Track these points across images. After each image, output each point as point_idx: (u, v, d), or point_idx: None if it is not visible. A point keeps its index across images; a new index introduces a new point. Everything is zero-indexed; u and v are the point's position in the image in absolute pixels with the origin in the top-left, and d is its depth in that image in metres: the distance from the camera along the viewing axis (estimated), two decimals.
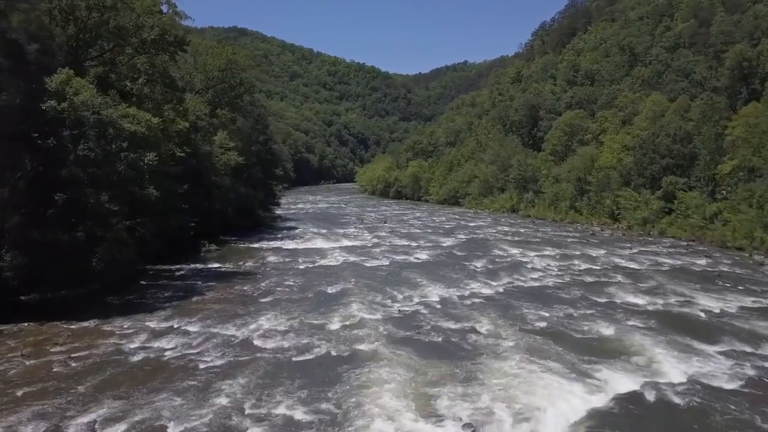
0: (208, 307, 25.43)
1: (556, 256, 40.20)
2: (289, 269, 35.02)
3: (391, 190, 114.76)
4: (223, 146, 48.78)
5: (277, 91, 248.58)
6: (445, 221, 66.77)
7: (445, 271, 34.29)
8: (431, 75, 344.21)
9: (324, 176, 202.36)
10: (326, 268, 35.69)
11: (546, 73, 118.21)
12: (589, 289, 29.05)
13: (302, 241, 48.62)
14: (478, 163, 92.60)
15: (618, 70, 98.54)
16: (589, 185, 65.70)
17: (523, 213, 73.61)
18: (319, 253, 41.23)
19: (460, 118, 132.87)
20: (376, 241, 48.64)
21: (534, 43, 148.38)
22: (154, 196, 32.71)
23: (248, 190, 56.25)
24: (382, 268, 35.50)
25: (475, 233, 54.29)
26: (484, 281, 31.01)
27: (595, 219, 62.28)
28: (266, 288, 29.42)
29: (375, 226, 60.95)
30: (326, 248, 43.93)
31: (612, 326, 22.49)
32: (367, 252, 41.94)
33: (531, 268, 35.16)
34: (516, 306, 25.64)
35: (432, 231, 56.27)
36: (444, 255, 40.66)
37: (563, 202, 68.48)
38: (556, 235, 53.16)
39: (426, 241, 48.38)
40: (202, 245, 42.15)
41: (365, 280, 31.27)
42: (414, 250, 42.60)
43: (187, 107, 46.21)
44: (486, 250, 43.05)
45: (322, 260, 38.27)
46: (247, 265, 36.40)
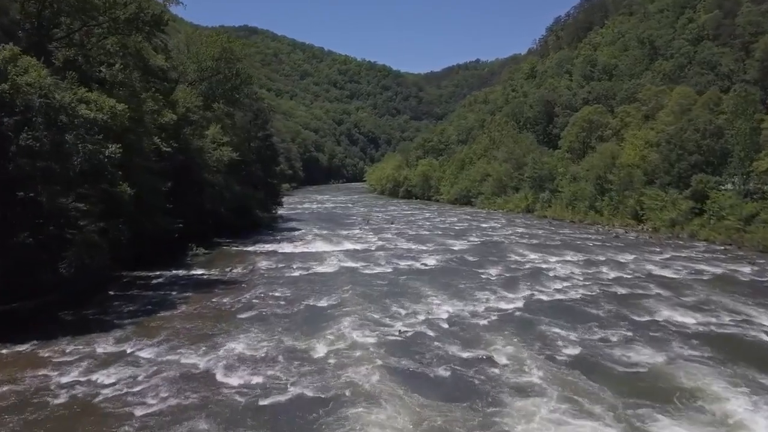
0: (175, 324, 21.42)
1: (580, 262, 35.82)
2: (280, 277, 30.94)
3: (401, 189, 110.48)
4: (216, 141, 44.88)
5: (287, 90, 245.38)
6: (456, 222, 62.47)
7: (456, 280, 30.05)
8: (443, 73, 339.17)
9: (334, 175, 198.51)
10: (322, 275, 31.58)
11: (561, 69, 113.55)
12: (623, 304, 24.69)
13: (301, 243, 44.59)
14: (491, 161, 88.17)
15: (638, 64, 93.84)
16: (609, 184, 61.15)
17: (539, 213, 69.10)
18: (316, 258, 37.16)
19: (472, 115, 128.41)
20: (381, 244, 44.49)
21: (548, 39, 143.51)
22: (128, 194, 28.85)
23: (245, 189, 52.35)
24: (385, 275, 31.32)
25: (488, 235, 49.99)
26: (501, 293, 26.72)
27: (617, 220, 57.71)
28: (249, 300, 25.36)
29: (381, 228, 56.80)
30: (325, 252, 39.85)
31: (660, 354, 18.14)
32: (370, 257, 37.80)
33: (553, 277, 30.82)
34: (540, 326, 21.35)
35: (442, 233, 52.02)
36: (454, 260, 36.41)
37: (582, 202, 63.93)
38: (577, 237, 48.72)
39: (435, 244, 44.16)
40: (190, 249, 38.25)
41: (364, 291, 27.14)
42: (421, 255, 38.41)
43: (177, 98, 42.46)
44: (501, 254, 38.76)
45: (318, 266, 34.18)
46: (235, 272, 32.38)
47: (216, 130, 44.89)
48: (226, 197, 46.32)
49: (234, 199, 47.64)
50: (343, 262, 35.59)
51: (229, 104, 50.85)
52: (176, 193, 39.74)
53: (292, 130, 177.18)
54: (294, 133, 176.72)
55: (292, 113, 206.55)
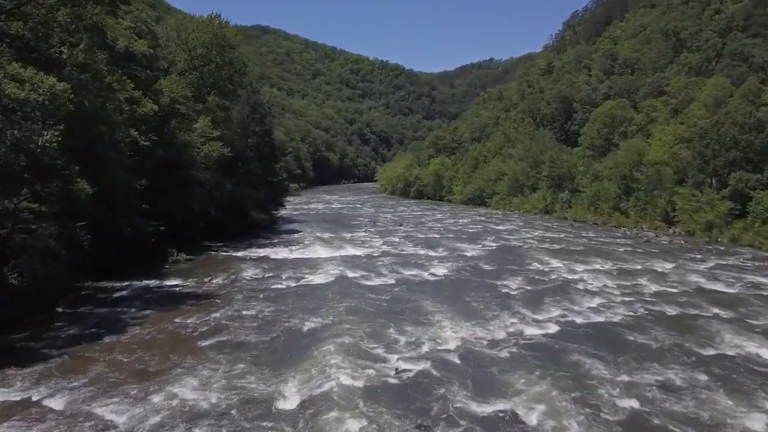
0: (115, 356, 16.91)
1: (612, 271, 30.87)
2: (265, 289, 26.36)
3: (412, 189, 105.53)
4: (206, 135, 40.46)
5: (299, 89, 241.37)
6: (470, 224, 57.57)
7: (469, 294, 25.26)
8: (456, 72, 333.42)
9: (345, 175, 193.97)
10: (313, 288, 26.94)
11: (579, 64, 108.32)
12: (677, 329, 19.79)
13: (298, 248, 40.03)
14: (506, 160, 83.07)
15: (662, 57, 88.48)
16: (636, 183, 55.96)
17: (559, 215, 64.00)
18: (311, 266, 32.55)
19: (486, 112, 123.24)
20: (386, 249, 39.80)
21: (565, 34, 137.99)
22: (86, 192, 24.47)
23: (241, 188, 47.93)
24: (386, 288, 26.60)
25: (504, 239, 45.09)
26: (523, 313, 21.88)
27: (646, 222, 52.54)
28: (218, 321, 20.78)
29: (388, 230, 52.08)
30: (323, 259, 35.23)
31: (753, 412, 13.31)
32: (372, 264, 33.11)
33: (584, 291, 25.93)
34: (577, 362, 16.55)
35: (454, 236, 47.18)
36: (468, 270, 31.57)
37: (605, 202, 58.75)
38: (603, 241, 43.69)
39: (446, 249, 39.38)
40: (170, 254, 33.85)
41: (359, 310, 22.45)
42: (430, 263, 33.64)
43: (161, 88, 38.12)
44: (521, 262, 33.89)
45: (312, 276, 29.55)
46: (214, 283, 27.85)
47: (205, 123, 40.45)
48: (217, 197, 41.89)
49: (226, 198, 43.18)
50: (340, 270, 30.93)
51: (223, 96, 46.41)
52: (158, 191, 35.57)
53: (303, 130, 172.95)
54: (304, 132, 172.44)
55: (303, 112, 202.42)
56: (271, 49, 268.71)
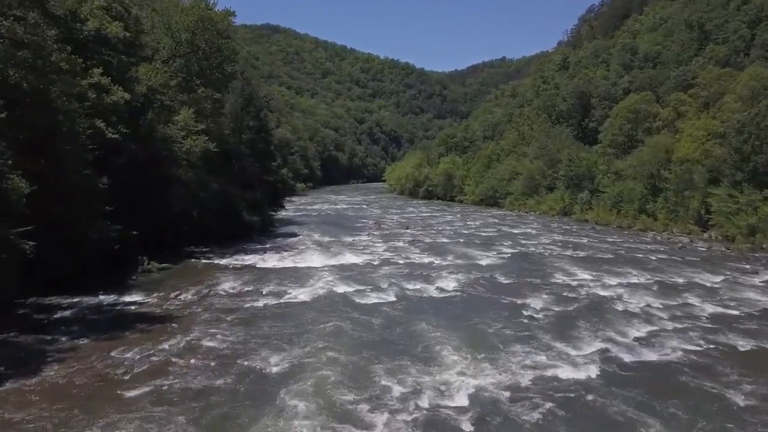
0: (4, 410, 12.44)
1: (652, 285, 26.01)
2: (236, 309, 21.81)
3: (421, 189, 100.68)
4: (188, 129, 36.04)
5: (308, 88, 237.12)
6: (483, 227, 52.76)
7: (483, 319, 20.54)
8: (468, 71, 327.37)
9: (354, 175, 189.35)
10: (296, 307, 22.36)
11: (597, 58, 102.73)
12: (759, 372, 15.00)
13: (291, 255, 35.53)
14: (520, 158, 78.10)
15: (686, 50, 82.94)
16: (664, 183, 50.94)
17: (578, 217, 58.99)
18: (300, 277, 28.02)
19: (499, 109, 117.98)
20: (389, 256, 35.17)
21: (581, 29, 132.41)
22: (20, 192, 20.10)
23: (233, 188, 43.54)
24: (383, 309, 21.93)
25: (522, 245, 40.27)
26: (555, 348, 17.11)
27: (677, 226, 47.49)
28: (165, 356, 16.23)
29: (393, 234, 47.45)
30: (315, 268, 30.66)
31: None
32: (371, 275, 28.49)
33: (625, 314, 21.12)
34: (635, 428, 11.83)
35: (465, 241, 42.44)
36: (481, 283, 26.82)
37: (630, 204, 53.72)
38: (632, 248, 38.75)
39: (456, 256, 34.66)
40: (140, 263, 29.44)
41: (344, 340, 17.82)
42: (438, 274, 28.94)
43: (136, 75, 33.79)
44: (543, 273, 29.10)
45: (297, 290, 24.98)
46: (180, 299, 23.37)
47: (188, 115, 36.01)
48: (202, 197, 37.45)
49: (213, 199, 38.74)
50: (333, 284, 26.35)
51: (213, 87, 41.95)
52: (132, 191, 31.24)
53: (311, 129, 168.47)
54: (313, 131, 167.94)
55: (312, 111, 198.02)
56: (281, 48, 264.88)
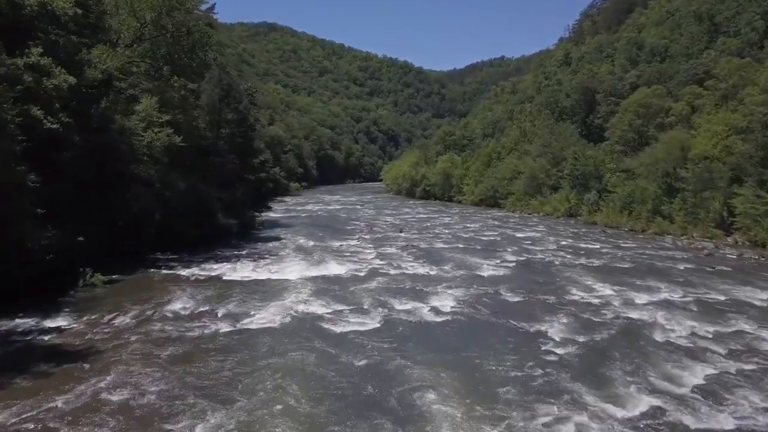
0: None
1: (689, 305, 21.50)
2: (178, 340, 17.25)
3: (418, 189, 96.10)
4: (151, 120, 31.51)
5: (305, 86, 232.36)
6: (484, 230, 48.23)
7: (490, 356, 15.98)
8: (466, 70, 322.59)
9: (351, 174, 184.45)
10: (254, 336, 17.81)
11: (601, 53, 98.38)
12: None
13: (267, 263, 31.01)
14: (522, 156, 73.63)
15: (695, 43, 78.48)
16: (680, 182, 46.46)
17: (586, 218, 54.47)
18: (270, 294, 23.49)
19: (499, 107, 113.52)
20: (378, 265, 30.64)
21: (583, 24, 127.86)
22: None
23: (209, 187, 39.03)
24: (361, 341, 17.36)
25: (528, 251, 35.77)
26: (586, 402, 12.56)
27: (696, 229, 42.97)
28: (43, 422, 11.75)
29: (386, 237, 42.96)
30: (291, 281, 26.13)
31: None
32: (353, 291, 23.96)
33: (669, 347, 16.60)
34: None
35: (464, 247, 37.96)
36: (484, 302, 22.26)
37: (642, 205, 49.20)
38: (652, 254, 34.24)
39: (454, 266, 30.14)
40: (83, 275, 24.89)
41: (307, 385, 13.31)
42: (432, 288, 24.41)
43: (89, 58, 29.28)
44: (556, 288, 24.59)
45: (261, 312, 20.43)
46: (114, 324, 18.79)
47: (150, 103, 31.46)
48: (168, 197, 32.92)
49: (182, 199, 34.20)
50: (306, 302, 21.82)
51: (184, 75, 37.45)
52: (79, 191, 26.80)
53: (307, 127, 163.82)
54: (308, 129, 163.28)
55: (309, 110, 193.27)
56: (277, 46, 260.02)
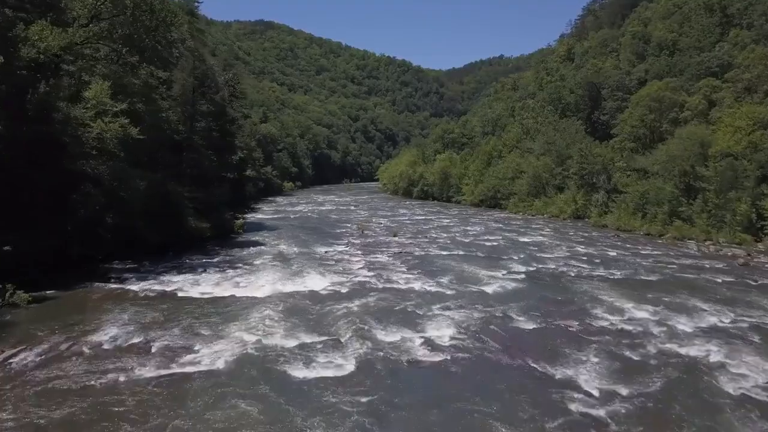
0: None
1: (748, 333, 17.03)
2: (82, 390, 12.70)
3: (415, 189, 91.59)
4: (103, 108, 26.95)
5: (301, 85, 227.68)
6: (485, 234, 43.75)
7: (500, 411, 11.55)
8: (465, 69, 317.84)
9: (347, 174, 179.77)
10: (186, 383, 13.30)
11: (605, 48, 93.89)
12: None
13: (237, 275, 26.53)
14: (524, 155, 69.20)
15: (707, 36, 74.06)
16: (701, 182, 42.05)
17: (595, 221, 50.00)
18: (229, 316, 18.99)
19: (499, 104, 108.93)
20: (365, 277, 26.16)
21: (586, 20, 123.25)
22: None
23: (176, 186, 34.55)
24: (330, 395, 12.80)
25: (537, 259, 31.28)
26: None
27: (721, 234, 38.53)
28: None
29: (378, 242, 38.51)
30: (258, 299, 21.65)
31: None
32: (330, 314, 19.43)
33: (741, 398, 12.20)
34: None
35: (465, 254, 33.49)
36: (492, 331, 17.71)
37: (658, 206, 44.70)
38: (679, 264, 29.77)
39: (454, 279, 25.66)
40: (2, 293, 20.35)
41: None
42: (427, 311, 19.87)
43: (25, 35, 24.81)
44: (579, 309, 20.10)
45: (207, 345, 15.86)
46: (9, 365, 14.34)
47: (102, 89, 26.91)
48: (123, 198, 28.37)
49: (142, 200, 29.62)
50: (268, 330, 17.31)
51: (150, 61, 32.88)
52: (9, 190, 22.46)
53: (302, 125, 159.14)
54: (304, 128, 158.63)
55: (305, 108, 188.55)
56: (274, 44, 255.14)
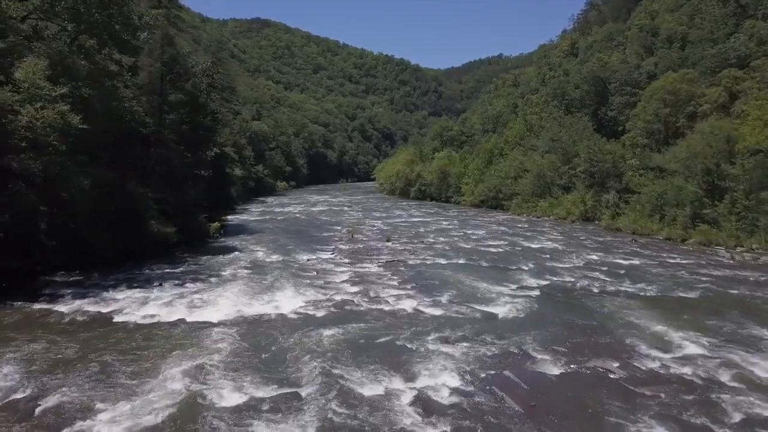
0: None
1: None
2: None
3: (413, 189, 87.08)
4: (37, 92, 22.43)
5: (297, 83, 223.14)
6: (488, 239, 39.25)
7: None
8: (464, 68, 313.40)
9: (344, 173, 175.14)
10: None
11: (611, 42, 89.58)
12: None
13: (195, 291, 22.08)
14: (528, 152, 64.75)
15: (720, 27, 69.78)
16: (728, 181, 37.67)
17: (607, 224, 45.54)
18: (163, 352, 14.51)
19: (499, 101, 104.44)
20: (348, 294, 21.68)
21: (589, 14, 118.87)
22: None
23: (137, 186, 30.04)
24: None
25: (550, 270, 26.77)
26: None
27: (754, 239, 34.11)
28: None
29: (368, 249, 34.00)
30: (210, 325, 17.18)
31: None
32: (295, 351, 14.98)
33: None
34: None
35: (466, 263, 28.99)
36: (506, 379, 13.20)
37: (679, 208, 40.22)
38: (715, 276, 25.32)
39: (455, 297, 21.17)
40: None
41: None
42: (421, 346, 15.35)
43: None
44: (614, 343, 15.61)
45: (116, 407, 11.47)
46: None
47: (35, 70, 22.39)
48: (66, 198, 23.85)
49: (88, 201, 25.12)
50: (203, 380, 12.85)
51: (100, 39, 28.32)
52: None
53: (297, 124, 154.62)
54: (299, 126, 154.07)
55: (301, 106, 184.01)
56: (271, 43, 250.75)
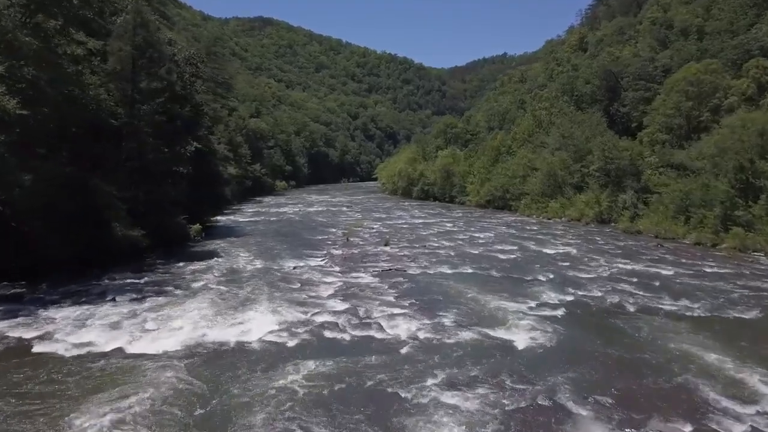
0: None
1: None
2: None
3: (415, 188, 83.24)
4: None
5: (299, 82, 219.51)
6: (496, 243, 35.43)
7: None
8: (468, 67, 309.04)
9: (346, 173, 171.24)
10: None
11: (622, 36, 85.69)
12: None
13: (150, 309, 18.44)
14: (537, 150, 60.88)
15: (739, 18, 65.90)
16: (764, 179, 33.85)
17: (625, 226, 41.62)
18: (81, 403, 10.85)
19: (506, 97, 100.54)
20: (333, 315, 17.93)
21: (597, 9, 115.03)
22: None
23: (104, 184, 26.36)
24: None
25: (573, 282, 22.95)
26: None
27: None
28: None
29: (364, 255, 30.24)
30: (157, 359, 13.49)
31: None
32: (257, 402, 11.29)
33: None
34: None
35: (474, 273, 25.21)
36: None
37: (707, 209, 36.29)
38: (763, 289, 21.55)
39: (461, 318, 17.41)
40: None
41: None
42: (422, 394, 11.65)
43: None
44: (673, 386, 11.86)
45: None
46: None
47: None
48: (3, 200, 20.17)
49: (33, 201, 21.43)
50: None
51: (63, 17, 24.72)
52: None
53: (298, 122, 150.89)
54: (300, 125, 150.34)
55: (302, 105, 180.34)
56: (273, 41, 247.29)
